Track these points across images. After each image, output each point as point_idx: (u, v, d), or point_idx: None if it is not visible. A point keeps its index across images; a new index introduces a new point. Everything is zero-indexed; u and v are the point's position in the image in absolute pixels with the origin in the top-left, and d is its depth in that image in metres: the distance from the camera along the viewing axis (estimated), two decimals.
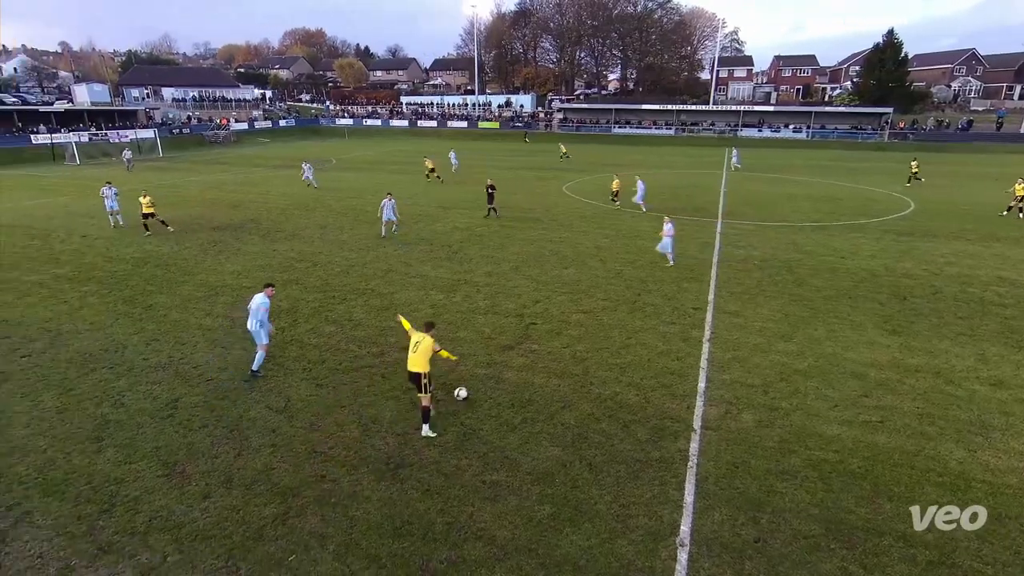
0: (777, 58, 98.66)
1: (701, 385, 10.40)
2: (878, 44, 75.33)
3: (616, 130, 77.48)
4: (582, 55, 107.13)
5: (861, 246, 20.18)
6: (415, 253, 19.20)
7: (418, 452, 8.49)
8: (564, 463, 8.25)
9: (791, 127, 72.21)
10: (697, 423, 9.25)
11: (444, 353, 9.16)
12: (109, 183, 24.12)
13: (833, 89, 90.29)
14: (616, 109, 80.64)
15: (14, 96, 78.54)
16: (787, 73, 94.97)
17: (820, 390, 10.30)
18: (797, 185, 35.39)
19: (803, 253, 19.19)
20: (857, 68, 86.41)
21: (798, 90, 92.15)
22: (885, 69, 73.38)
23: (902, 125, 68.20)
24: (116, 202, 23.26)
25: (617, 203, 27.52)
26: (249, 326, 10.55)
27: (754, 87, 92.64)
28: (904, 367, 11.11)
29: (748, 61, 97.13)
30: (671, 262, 17.59)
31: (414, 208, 27.15)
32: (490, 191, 24.84)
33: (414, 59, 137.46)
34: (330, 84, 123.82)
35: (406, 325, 9.39)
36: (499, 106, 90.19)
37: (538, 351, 11.72)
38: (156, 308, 14.30)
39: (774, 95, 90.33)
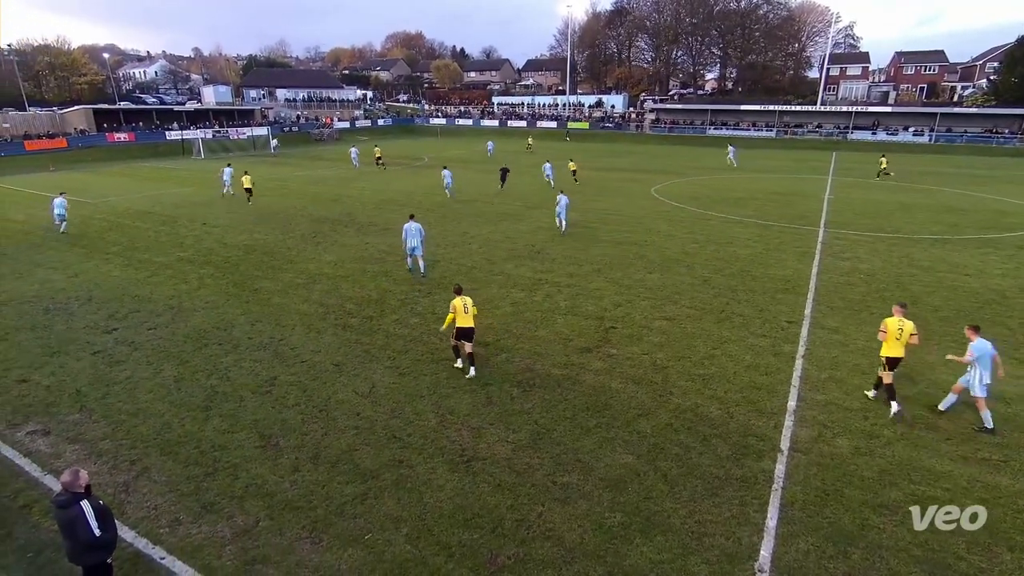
0: (898, 54, 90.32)
1: (791, 404, 9.76)
2: (1023, 37, 66.92)
3: (712, 132, 74.36)
4: (679, 54, 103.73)
5: (989, 263, 18.07)
6: (498, 251, 19.48)
7: (491, 447, 8.62)
8: (638, 472, 8.05)
9: (911, 130, 65.93)
10: (785, 444, 8.69)
11: (475, 309, 11.05)
12: (229, 164, 33.16)
13: (964, 88, 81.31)
14: (712, 110, 77.43)
15: (154, 97, 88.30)
16: (909, 71, 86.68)
17: (931, 420, 9.34)
18: (914, 193, 32.27)
19: (918, 268, 17.49)
20: (995, 64, 77.24)
21: (922, 89, 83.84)
22: None
23: None
24: (230, 178, 30.94)
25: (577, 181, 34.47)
26: (410, 244, 16.23)
27: (869, 86, 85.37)
28: None
29: (863, 58, 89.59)
30: (563, 229, 21.82)
31: (499, 207, 27.56)
32: (504, 172, 33.55)
33: (507, 60, 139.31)
34: (426, 85, 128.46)
35: (449, 319, 10.84)
36: (590, 106, 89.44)
37: (617, 356, 11.53)
38: (261, 292, 15.52)
39: (893, 95, 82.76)
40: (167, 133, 63.49)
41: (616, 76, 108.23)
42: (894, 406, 9.40)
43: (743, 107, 76.03)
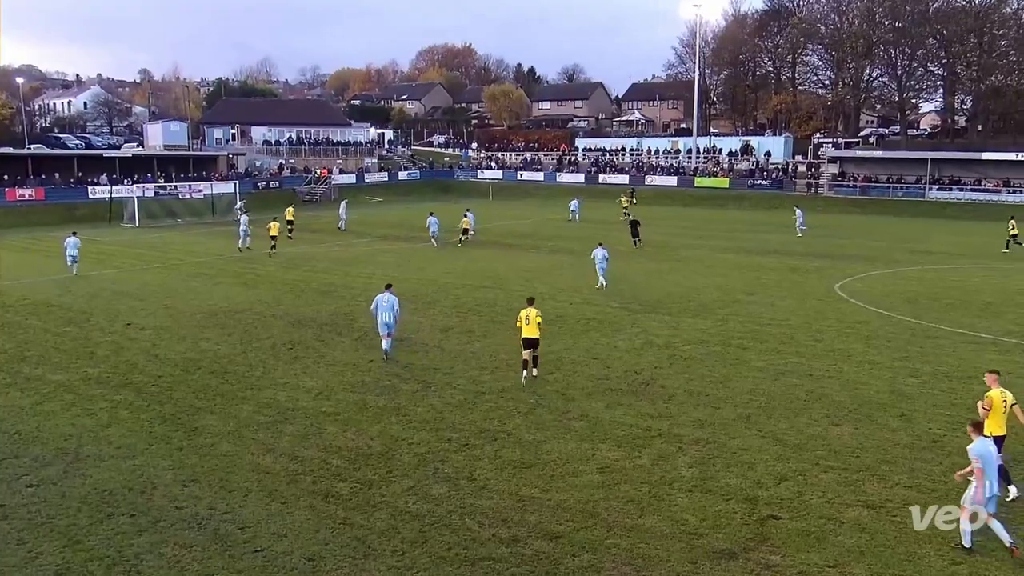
0: None
1: None
2: None
3: (934, 193, 74.32)
4: (874, 74, 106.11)
5: None
6: (579, 380, 19.40)
7: None
8: None
9: None
10: None
11: (539, 318, 18.68)
12: (245, 209, 48.82)
13: None
14: (933, 159, 77.51)
15: (78, 138, 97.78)
16: None
17: None
18: None
19: None
20: None
21: None
22: None
23: None
24: (248, 227, 43.06)
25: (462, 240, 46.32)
26: (383, 319, 20.90)
27: None
28: None
29: None
30: (603, 284, 31.31)
31: (587, 308, 27.83)
32: (634, 226, 45.41)
33: (599, 84, 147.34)
34: (474, 121, 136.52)
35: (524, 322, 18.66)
36: (730, 154, 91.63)
37: (781, 568, 10.96)
38: (202, 434, 15.92)
39: None
40: (91, 189, 69.33)
41: (773, 107, 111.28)
42: (1012, 491, 12.44)
43: (985, 155, 75.88)
